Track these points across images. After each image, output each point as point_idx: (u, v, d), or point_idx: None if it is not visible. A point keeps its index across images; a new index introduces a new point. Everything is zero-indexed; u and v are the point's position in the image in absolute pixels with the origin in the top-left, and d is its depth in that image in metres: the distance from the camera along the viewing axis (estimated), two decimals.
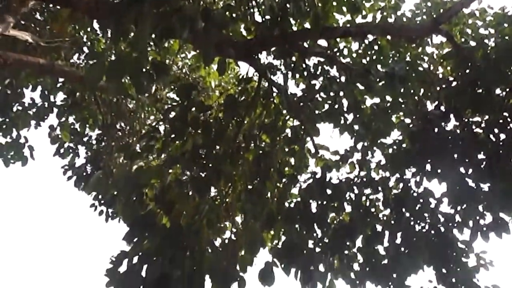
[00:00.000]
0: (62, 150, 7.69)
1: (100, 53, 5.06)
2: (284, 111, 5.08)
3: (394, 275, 5.21)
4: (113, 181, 3.96)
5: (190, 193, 3.92)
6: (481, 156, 5.19)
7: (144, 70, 2.93)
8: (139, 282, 3.42)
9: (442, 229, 5.35)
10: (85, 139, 7.83)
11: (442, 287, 5.25)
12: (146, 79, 2.97)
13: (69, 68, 6.37)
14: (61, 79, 7.10)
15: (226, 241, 4.33)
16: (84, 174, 7.68)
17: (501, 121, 5.15)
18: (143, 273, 3.47)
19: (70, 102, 7.08)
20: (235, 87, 5.84)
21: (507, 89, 5.12)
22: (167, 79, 4.51)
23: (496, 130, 5.18)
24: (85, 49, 7.22)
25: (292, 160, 5.23)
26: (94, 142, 7.97)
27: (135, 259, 3.56)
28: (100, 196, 7.44)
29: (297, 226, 4.69)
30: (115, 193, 6.52)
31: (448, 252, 5.28)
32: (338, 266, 5.13)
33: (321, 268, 4.90)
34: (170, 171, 4.03)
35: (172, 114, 4.65)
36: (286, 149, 5.04)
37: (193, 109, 4.32)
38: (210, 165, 3.96)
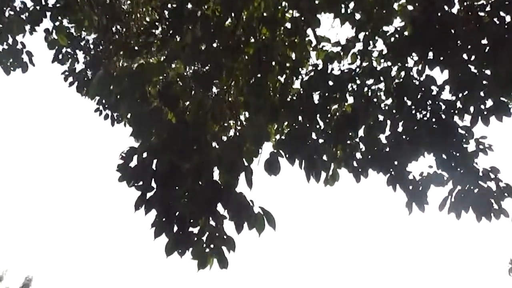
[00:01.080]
0: (60, 56, 7.64)
1: None
2: (283, 2, 4.93)
3: (396, 162, 5.39)
4: (115, 81, 3.94)
5: (193, 88, 3.95)
6: (484, 41, 5.12)
7: None
8: (149, 175, 3.56)
9: (443, 116, 5.44)
10: (82, 43, 7.75)
11: (442, 172, 5.44)
12: None
13: None
14: None
15: (232, 137, 4.45)
16: (85, 79, 7.69)
17: (507, 2, 5.00)
18: (153, 167, 3.61)
19: (62, 4, 6.88)
20: None
21: None
22: None
23: (501, 13, 5.06)
24: None
25: (293, 55, 5.19)
26: (91, 46, 7.88)
27: (145, 154, 3.68)
28: (104, 101, 7.51)
29: (300, 118, 4.77)
30: (118, 97, 6.58)
31: (448, 138, 5.41)
32: (341, 156, 5.30)
33: (325, 158, 5.07)
34: (172, 66, 4.02)
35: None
36: (287, 42, 4.97)
37: (189, 5, 4.21)
38: (211, 59, 3.93)
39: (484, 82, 5.07)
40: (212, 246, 3.60)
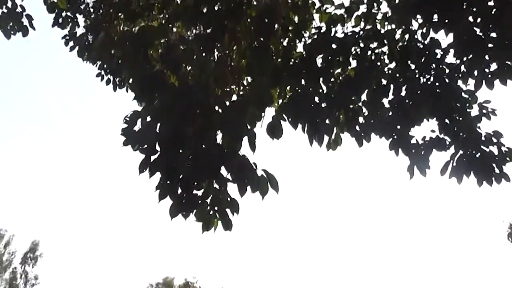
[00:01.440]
0: (60, 20, 7.55)
1: None
2: None
3: (398, 127, 5.40)
4: (117, 44, 3.91)
5: (196, 51, 3.91)
6: (490, 3, 5.03)
7: None
8: (154, 138, 3.57)
9: (447, 81, 5.41)
10: (82, 7, 7.64)
11: (444, 137, 5.45)
12: None
13: None
14: None
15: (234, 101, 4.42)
16: (86, 43, 7.62)
17: None
18: (157, 130, 3.61)
19: None
20: None
21: None
22: None
23: None
24: None
25: (296, 17, 5.11)
26: (92, 10, 7.76)
27: (148, 118, 3.68)
28: (105, 65, 7.45)
29: (302, 81, 4.74)
30: (120, 61, 6.53)
31: (451, 103, 5.40)
32: (344, 120, 5.30)
33: (327, 122, 5.07)
34: (174, 29, 3.97)
35: None
36: (290, 4, 4.89)
37: None
38: (213, 21, 3.89)
39: (490, 45, 5.01)
40: (216, 208, 3.64)
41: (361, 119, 5.36)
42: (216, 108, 3.96)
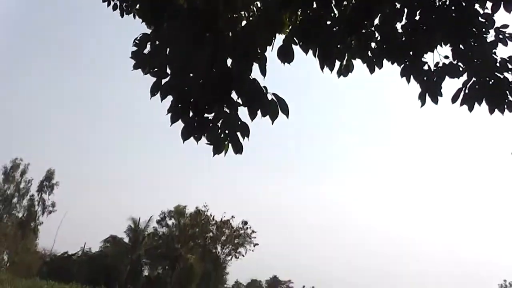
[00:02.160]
0: None
1: None
2: None
3: (411, 52, 5.29)
4: None
5: None
6: None
7: None
8: (164, 61, 3.56)
9: (464, 4, 5.21)
10: None
11: (458, 63, 5.34)
12: None
13: None
14: None
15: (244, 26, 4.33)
16: None
17: None
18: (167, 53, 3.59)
19: None
20: None
21: None
22: None
23: None
24: None
25: None
26: None
27: (158, 41, 3.64)
28: None
29: (314, 5, 4.60)
30: None
31: (467, 28, 5.23)
32: (356, 45, 5.18)
33: (339, 47, 4.97)
34: None
35: None
36: None
37: None
38: None
39: None
40: (227, 131, 3.67)
41: (373, 45, 5.24)
42: (226, 32, 3.90)
